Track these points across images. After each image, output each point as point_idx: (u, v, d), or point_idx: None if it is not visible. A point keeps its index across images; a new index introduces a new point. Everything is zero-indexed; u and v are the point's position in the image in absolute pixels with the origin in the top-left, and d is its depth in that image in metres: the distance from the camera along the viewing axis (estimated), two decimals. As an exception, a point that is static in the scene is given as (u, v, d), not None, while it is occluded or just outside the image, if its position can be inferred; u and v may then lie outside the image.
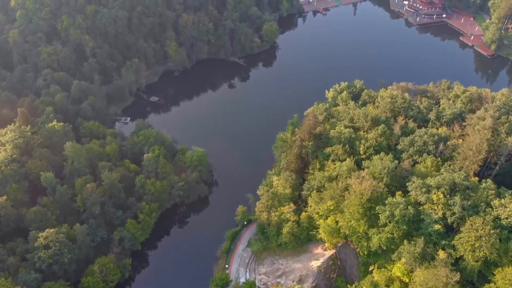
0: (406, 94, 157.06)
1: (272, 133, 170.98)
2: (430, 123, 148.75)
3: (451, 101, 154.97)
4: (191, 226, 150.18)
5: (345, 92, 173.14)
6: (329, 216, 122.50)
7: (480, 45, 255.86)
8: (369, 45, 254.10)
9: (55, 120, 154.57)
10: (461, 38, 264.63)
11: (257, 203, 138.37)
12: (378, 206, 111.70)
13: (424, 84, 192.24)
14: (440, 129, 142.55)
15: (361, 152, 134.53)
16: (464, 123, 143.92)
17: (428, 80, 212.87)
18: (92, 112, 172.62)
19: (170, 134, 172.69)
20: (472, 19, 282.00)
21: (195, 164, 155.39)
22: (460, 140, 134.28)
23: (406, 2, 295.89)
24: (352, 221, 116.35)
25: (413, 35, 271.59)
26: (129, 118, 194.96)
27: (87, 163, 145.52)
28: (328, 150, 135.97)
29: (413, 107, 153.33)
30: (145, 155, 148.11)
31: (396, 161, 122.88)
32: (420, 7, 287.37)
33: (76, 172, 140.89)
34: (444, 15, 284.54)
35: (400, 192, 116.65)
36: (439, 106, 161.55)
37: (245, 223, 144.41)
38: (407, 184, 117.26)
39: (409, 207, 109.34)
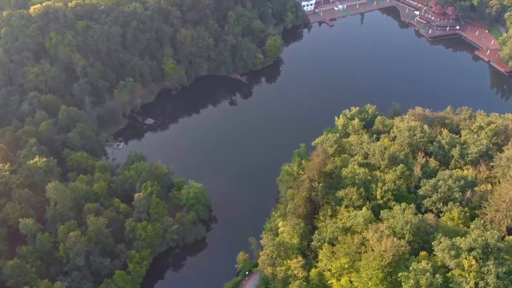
0: (426, 127, 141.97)
1: (277, 163, 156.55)
2: (453, 161, 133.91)
3: (475, 136, 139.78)
4: (186, 274, 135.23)
5: (356, 119, 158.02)
6: (342, 275, 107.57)
7: (497, 61, 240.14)
8: (378, 59, 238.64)
9: (37, 156, 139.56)
10: (476, 53, 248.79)
11: (260, 253, 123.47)
12: (400, 273, 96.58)
13: (440, 107, 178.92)
14: (465, 170, 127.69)
15: (378, 197, 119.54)
16: (491, 163, 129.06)
17: (443, 101, 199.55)
18: (81, 141, 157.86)
19: (165, 163, 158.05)
20: (487, 31, 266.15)
21: (192, 203, 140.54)
22: (489, 185, 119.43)
23: (417, 13, 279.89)
24: (370, 284, 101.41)
25: (425, 49, 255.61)
26: (121, 144, 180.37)
27: (72, 204, 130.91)
28: (340, 193, 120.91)
29: (434, 142, 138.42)
30: (136, 195, 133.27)
31: (420, 215, 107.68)
32: (432, 18, 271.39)
33: (59, 216, 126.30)
34: (457, 27, 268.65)
35: (424, 253, 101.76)
36: (460, 136, 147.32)
37: (247, 272, 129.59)
38: (432, 243, 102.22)
39: (437, 275, 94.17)
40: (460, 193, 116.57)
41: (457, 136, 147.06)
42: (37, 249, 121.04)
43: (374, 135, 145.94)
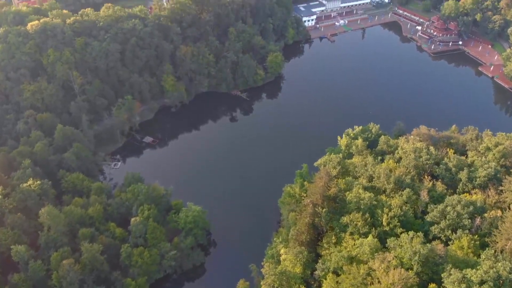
0: (432, 148, 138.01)
1: (278, 183, 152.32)
2: (460, 185, 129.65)
3: (483, 158, 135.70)
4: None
5: (360, 139, 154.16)
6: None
7: (501, 77, 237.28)
8: (381, 75, 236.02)
9: (31, 179, 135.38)
10: (480, 69, 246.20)
11: (261, 282, 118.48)
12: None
13: (445, 125, 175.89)
14: (473, 195, 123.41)
15: (384, 223, 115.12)
16: (500, 187, 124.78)
17: (448, 118, 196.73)
18: (77, 162, 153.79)
19: (163, 183, 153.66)
20: (490, 46, 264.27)
21: (190, 227, 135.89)
22: (499, 211, 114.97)
23: (419, 28, 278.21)
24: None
25: (428, 64, 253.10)
26: (119, 163, 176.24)
27: (66, 229, 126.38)
28: (345, 219, 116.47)
29: (441, 164, 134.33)
30: (132, 219, 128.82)
31: (429, 244, 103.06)
32: (435, 33, 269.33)
33: (53, 242, 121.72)
34: (460, 42, 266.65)
35: (434, 285, 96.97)
36: (467, 157, 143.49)
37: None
38: (442, 275, 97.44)
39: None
40: (469, 220, 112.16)
41: (464, 157, 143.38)
42: (30, 277, 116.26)
43: (379, 157, 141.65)
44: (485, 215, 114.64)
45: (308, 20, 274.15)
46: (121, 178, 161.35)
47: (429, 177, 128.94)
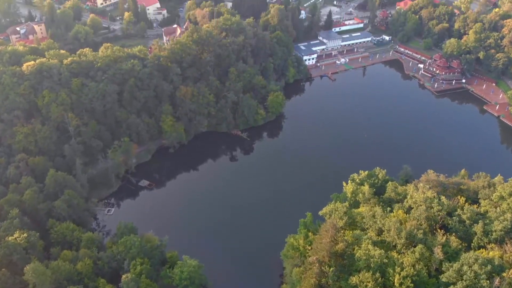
0: (443, 198, 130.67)
1: (280, 233, 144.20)
2: (475, 239, 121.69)
3: (498, 209, 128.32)
4: None
5: (366, 186, 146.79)
6: None
7: (507, 116, 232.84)
8: (383, 115, 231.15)
9: (17, 231, 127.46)
10: (485, 108, 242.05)
11: None
12: None
13: (452, 167, 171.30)
14: (490, 250, 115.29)
15: (396, 284, 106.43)
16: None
17: (455, 159, 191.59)
18: (68, 210, 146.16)
19: (158, 232, 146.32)
20: (494, 84, 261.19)
21: (186, 284, 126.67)
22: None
23: (421, 66, 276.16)
24: None
25: (431, 103, 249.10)
26: (113, 209, 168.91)
27: (53, 287, 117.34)
28: (354, 279, 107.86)
29: (453, 216, 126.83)
30: (123, 276, 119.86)
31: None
32: (437, 71, 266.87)
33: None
34: (463, 80, 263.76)
35: None
36: (479, 205, 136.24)
37: None
38: None
39: None
40: (488, 281, 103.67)
41: (476, 206, 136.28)
42: None
43: (388, 208, 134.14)
44: (504, 274, 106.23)
45: (309, 59, 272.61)
46: (114, 225, 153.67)
47: (442, 230, 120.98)
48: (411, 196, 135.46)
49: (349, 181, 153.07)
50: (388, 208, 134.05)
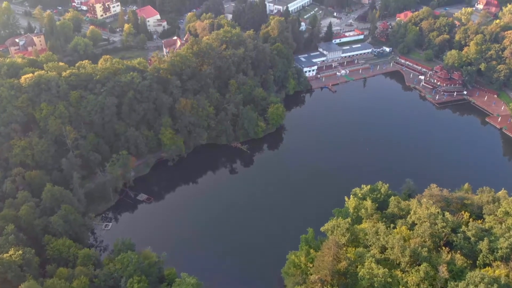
0: (448, 214, 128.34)
1: (281, 249, 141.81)
2: (481, 256, 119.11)
3: (503, 225, 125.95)
4: None
5: (369, 200, 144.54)
6: None
7: (510, 128, 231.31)
8: (384, 127, 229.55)
9: (13, 248, 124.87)
10: (487, 120, 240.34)
11: None
12: None
13: (455, 181, 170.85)
14: (496, 268, 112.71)
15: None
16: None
17: (457, 173, 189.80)
18: (65, 225, 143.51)
19: (156, 248, 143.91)
20: (496, 96, 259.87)
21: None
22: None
23: (422, 77, 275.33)
24: None
25: (432, 115, 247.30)
26: (110, 224, 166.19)
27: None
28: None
29: (458, 232, 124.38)
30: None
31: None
32: (438, 83, 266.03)
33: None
34: (465, 92, 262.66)
35: None
36: (483, 221, 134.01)
37: None
38: None
39: None
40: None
41: (480, 221, 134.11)
42: None
43: (391, 224, 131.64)
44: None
45: (309, 71, 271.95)
46: (112, 240, 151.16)
47: (446, 248, 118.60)
48: (414, 211, 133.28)
49: (351, 196, 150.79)
50: (392, 225, 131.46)
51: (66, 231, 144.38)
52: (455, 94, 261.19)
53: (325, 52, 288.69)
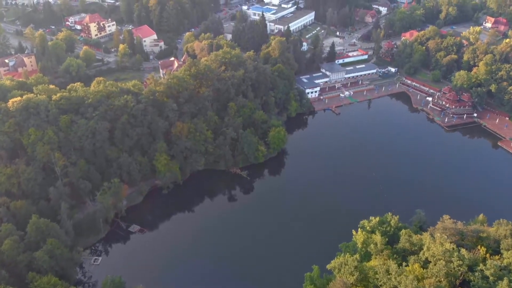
0: (464, 251, 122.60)
1: (284, 287, 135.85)
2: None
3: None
4: None
5: (378, 235, 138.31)
6: None
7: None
8: (391, 151, 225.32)
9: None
10: (499, 144, 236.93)
11: None
12: None
13: (468, 211, 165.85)
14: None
15: None
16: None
17: (470, 202, 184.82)
18: (50, 261, 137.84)
19: (149, 286, 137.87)
20: (508, 119, 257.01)
21: None
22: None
23: (429, 99, 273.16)
24: None
25: (442, 139, 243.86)
26: (100, 258, 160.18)
27: None
28: None
29: (476, 271, 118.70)
30: None
31: None
32: (447, 105, 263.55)
33: None
34: (475, 114, 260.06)
35: None
36: (501, 256, 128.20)
37: None
38: None
39: None
40: None
41: (498, 257, 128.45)
42: None
43: (403, 263, 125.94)
44: None
45: (312, 92, 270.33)
46: (101, 276, 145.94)
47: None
48: (427, 247, 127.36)
49: (359, 230, 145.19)
50: (403, 262, 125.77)
51: (52, 267, 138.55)
52: (465, 117, 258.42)
53: (328, 73, 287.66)
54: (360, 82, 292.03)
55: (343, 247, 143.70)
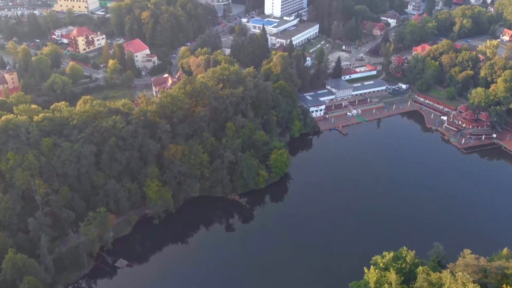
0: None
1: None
2: None
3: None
4: None
5: (393, 273, 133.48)
6: None
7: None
8: (403, 176, 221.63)
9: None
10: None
11: None
12: None
13: (490, 243, 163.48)
14: None
15: None
16: None
17: (492, 236, 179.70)
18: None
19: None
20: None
21: None
22: None
23: (444, 118, 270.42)
24: None
25: (459, 163, 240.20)
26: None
27: None
28: None
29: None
30: None
31: None
32: (464, 125, 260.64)
33: None
34: (494, 135, 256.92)
35: None
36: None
37: None
38: None
39: None
40: None
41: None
42: None
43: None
44: None
45: (316, 111, 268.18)
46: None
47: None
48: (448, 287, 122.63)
49: (371, 267, 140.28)
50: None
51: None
52: (483, 138, 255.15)
53: (333, 90, 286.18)
54: (368, 100, 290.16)
55: (354, 287, 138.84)
